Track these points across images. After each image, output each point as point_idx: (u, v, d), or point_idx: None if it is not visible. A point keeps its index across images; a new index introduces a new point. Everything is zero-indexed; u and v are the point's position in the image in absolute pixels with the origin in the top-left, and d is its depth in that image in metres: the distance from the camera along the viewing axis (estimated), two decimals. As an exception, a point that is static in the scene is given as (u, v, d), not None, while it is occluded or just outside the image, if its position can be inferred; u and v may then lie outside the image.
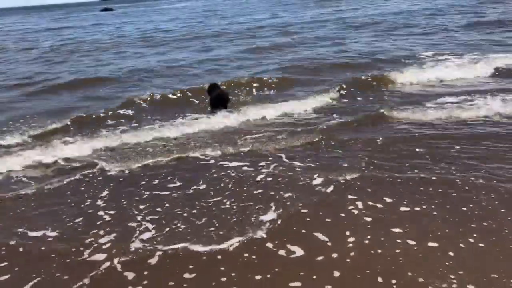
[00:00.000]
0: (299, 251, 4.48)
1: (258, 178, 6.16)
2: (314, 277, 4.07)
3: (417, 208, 5.14)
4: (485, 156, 6.34)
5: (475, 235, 4.56)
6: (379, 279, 3.99)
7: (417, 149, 6.77)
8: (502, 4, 26.48)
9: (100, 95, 12.22)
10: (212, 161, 6.88)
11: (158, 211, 5.45)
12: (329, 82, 11.78)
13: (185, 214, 5.32)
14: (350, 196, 5.49)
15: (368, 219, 4.98)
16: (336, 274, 4.10)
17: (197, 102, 10.55)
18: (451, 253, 4.28)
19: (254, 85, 11.70)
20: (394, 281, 3.94)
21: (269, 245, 4.60)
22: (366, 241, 4.57)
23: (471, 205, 5.12)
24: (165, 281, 4.14)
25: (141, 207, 5.60)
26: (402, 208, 5.16)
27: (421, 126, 7.87)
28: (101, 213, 5.51)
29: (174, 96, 10.92)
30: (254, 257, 4.43)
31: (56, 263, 4.54)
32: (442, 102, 9.09)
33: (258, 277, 4.12)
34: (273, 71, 13.50)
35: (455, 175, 5.82)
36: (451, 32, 18.51)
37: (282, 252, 4.49)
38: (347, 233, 4.73)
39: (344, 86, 10.90)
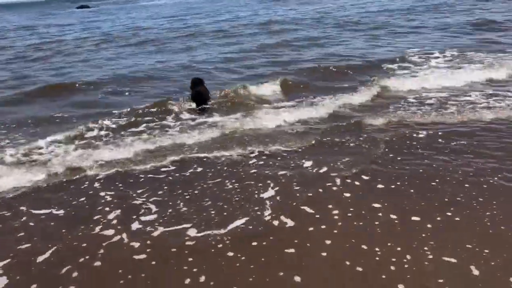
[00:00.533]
0: (290, 223, 4.99)
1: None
2: (308, 244, 4.57)
3: (393, 186, 5.67)
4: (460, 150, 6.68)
5: (452, 208, 5.09)
6: (364, 247, 4.47)
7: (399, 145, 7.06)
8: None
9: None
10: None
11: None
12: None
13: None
14: (332, 175, 6.03)
15: (348, 194, 5.53)
16: (328, 242, 4.60)
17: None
18: (429, 225, 4.78)
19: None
20: (377, 249, 4.41)
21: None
22: (349, 214, 5.09)
23: (440, 182, 5.65)
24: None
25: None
26: (379, 186, 5.70)
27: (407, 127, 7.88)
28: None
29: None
30: (250, 227, 4.92)
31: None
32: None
33: (254, 243, 4.63)
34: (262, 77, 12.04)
35: (428, 160, 6.32)
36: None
37: (275, 222, 5.00)
38: (330, 206, 5.27)
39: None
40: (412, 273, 4.06)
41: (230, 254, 4.52)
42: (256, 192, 5.72)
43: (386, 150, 6.71)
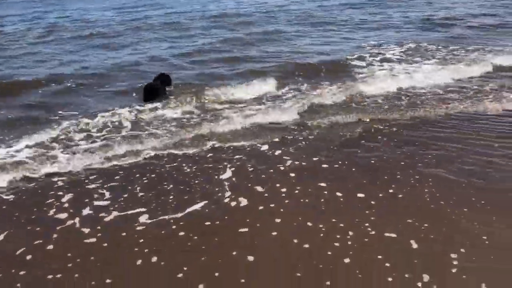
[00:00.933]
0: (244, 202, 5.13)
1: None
2: (258, 224, 4.69)
3: (338, 167, 5.90)
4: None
5: (393, 185, 5.31)
6: (309, 224, 4.62)
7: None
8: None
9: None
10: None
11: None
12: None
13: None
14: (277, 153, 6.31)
15: (293, 174, 5.73)
16: (277, 220, 4.74)
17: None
18: (372, 202, 4.99)
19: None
20: (321, 225, 4.58)
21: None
22: (296, 192, 5.28)
23: (386, 167, 5.84)
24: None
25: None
26: (324, 165, 5.93)
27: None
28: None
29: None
30: (207, 210, 5.02)
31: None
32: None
33: (207, 223, 4.74)
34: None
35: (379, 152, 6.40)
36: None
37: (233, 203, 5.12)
38: (278, 185, 5.45)
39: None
40: (355, 249, 4.21)
41: (182, 234, 4.58)
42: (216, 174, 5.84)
43: (342, 141, 6.76)
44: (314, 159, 6.13)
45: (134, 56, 13.76)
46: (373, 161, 6.00)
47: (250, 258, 4.19)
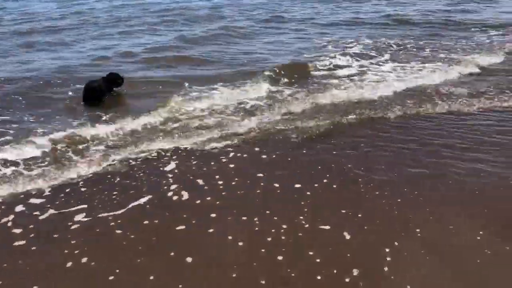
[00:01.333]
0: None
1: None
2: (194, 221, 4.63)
3: (274, 156, 5.94)
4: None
5: (328, 175, 5.37)
6: (244, 218, 4.60)
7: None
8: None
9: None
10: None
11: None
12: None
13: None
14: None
15: (232, 165, 5.72)
16: (213, 215, 4.69)
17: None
18: (308, 193, 5.02)
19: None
20: (256, 219, 4.57)
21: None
22: (233, 183, 5.26)
23: (323, 161, 5.84)
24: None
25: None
26: (263, 156, 5.95)
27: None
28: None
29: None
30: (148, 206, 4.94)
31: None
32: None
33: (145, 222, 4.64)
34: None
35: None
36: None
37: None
38: (217, 176, 5.43)
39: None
40: (288, 245, 4.19)
41: (119, 232, 4.46)
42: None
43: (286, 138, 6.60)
44: (256, 149, 6.12)
45: (78, 56, 12.08)
46: (313, 157, 5.96)
47: (188, 259, 4.08)
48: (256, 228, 4.45)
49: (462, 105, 7.59)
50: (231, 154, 6.02)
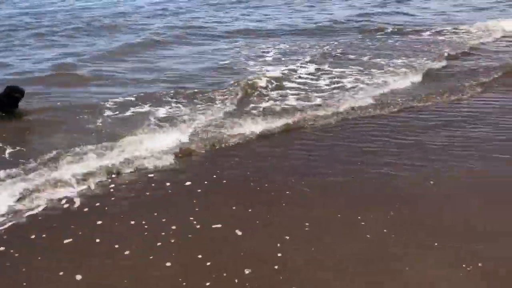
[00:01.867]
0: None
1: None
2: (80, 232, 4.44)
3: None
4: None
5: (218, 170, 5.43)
6: (132, 222, 4.50)
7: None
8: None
9: None
10: None
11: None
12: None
13: None
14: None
15: None
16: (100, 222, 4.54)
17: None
18: (199, 190, 5.02)
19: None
20: (144, 223, 4.49)
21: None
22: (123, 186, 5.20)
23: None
24: None
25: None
26: None
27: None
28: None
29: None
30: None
31: None
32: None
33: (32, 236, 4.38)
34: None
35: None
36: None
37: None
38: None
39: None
40: (177, 249, 4.12)
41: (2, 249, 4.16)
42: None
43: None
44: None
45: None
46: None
47: (78, 277, 3.80)
48: (146, 233, 4.34)
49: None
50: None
